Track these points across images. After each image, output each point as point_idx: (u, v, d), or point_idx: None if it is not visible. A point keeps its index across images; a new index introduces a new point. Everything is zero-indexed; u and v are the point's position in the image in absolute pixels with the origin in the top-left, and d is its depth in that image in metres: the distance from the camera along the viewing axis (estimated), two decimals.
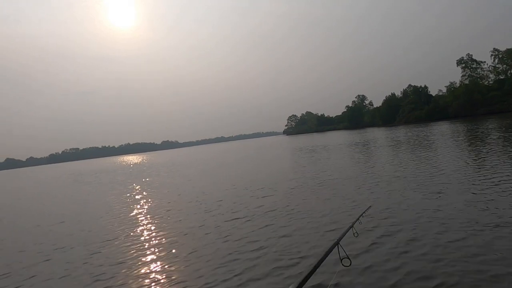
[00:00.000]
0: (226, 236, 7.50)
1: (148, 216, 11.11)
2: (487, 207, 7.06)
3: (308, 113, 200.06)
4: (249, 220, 8.75)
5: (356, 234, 2.85)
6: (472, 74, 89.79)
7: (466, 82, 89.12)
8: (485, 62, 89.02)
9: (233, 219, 9.01)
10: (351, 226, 2.78)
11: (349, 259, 1.97)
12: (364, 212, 3.77)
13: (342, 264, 1.99)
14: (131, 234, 8.93)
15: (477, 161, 13.14)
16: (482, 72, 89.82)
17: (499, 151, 14.95)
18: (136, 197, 16.21)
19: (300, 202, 10.04)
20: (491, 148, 16.29)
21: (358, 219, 3.16)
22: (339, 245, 2.04)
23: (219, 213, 10.07)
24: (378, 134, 50.84)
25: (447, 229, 6.10)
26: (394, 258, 5.16)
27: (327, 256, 1.80)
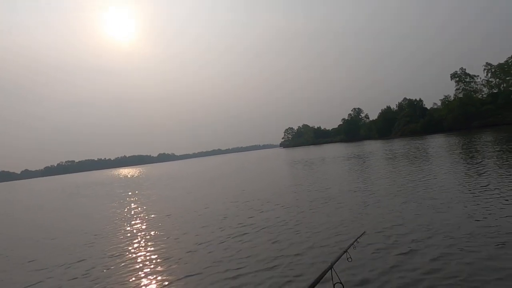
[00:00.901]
0: (232, 253, 7.41)
1: (151, 230, 10.99)
2: (490, 222, 7.14)
3: (305, 126, 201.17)
4: (254, 235, 8.67)
5: (350, 259, 2.81)
6: (466, 87, 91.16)
7: (460, 95, 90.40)
8: (478, 76, 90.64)
9: (238, 235, 8.92)
10: (345, 251, 2.75)
11: (341, 284, 1.93)
12: (359, 237, 3.69)
13: None
14: (133, 250, 8.85)
15: (480, 175, 13.23)
16: (476, 86, 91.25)
17: (500, 165, 15.11)
18: (136, 210, 16.09)
19: (303, 217, 10.03)
20: (493, 162, 16.45)
21: (352, 244, 3.11)
22: (332, 269, 1.99)
23: (222, 227, 9.99)
24: (375, 147, 51.13)
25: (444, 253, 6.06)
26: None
27: (319, 281, 1.75)
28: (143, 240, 9.83)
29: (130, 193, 26.53)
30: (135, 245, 9.27)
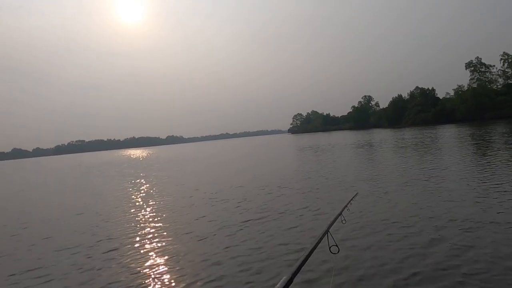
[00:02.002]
0: (252, 237, 7.46)
1: (166, 212, 11.15)
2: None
3: (314, 112, 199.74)
4: (273, 220, 8.63)
5: (344, 221, 2.90)
6: (481, 77, 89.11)
7: (474, 85, 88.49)
8: (494, 66, 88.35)
9: (257, 219, 8.90)
10: (340, 214, 2.84)
11: (337, 246, 2.02)
12: (351, 199, 3.73)
13: (331, 252, 2.03)
14: (151, 231, 8.97)
15: (493, 166, 13.13)
16: (491, 76, 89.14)
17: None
18: (149, 192, 16.32)
19: (322, 205, 10.14)
20: (509, 154, 16.30)
21: (346, 206, 3.20)
22: (328, 233, 2.10)
23: (238, 211, 10.05)
24: (385, 136, 50.74)
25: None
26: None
27: (317, 245, 1.82)
28: (160, 221, 9.91)
29: (142, 175, 26.95)
30: (152, 227, 9.32)
